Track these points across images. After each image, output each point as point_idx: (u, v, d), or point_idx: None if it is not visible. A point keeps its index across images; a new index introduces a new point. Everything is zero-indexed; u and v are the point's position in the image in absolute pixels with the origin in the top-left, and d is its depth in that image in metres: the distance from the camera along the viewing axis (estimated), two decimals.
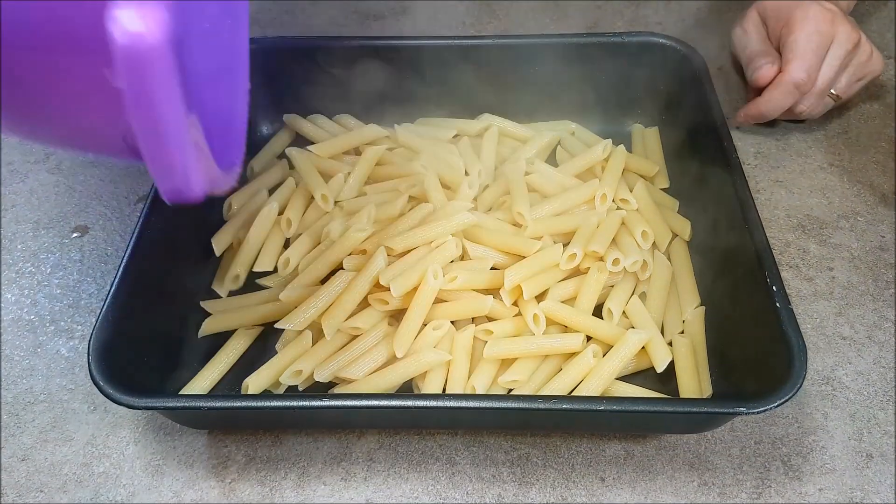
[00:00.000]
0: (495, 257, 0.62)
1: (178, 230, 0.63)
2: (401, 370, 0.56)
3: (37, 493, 0.55)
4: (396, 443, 0.57)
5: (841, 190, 0.73)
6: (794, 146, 0.78)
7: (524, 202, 0.64)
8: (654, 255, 0.64)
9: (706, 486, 0.54)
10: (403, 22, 0.96)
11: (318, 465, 0.55)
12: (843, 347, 0.62)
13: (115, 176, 0.77)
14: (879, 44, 0.89)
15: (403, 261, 0.61)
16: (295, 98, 0.77)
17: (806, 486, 0.54)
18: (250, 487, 0.54)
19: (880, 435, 0.56)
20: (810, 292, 0.65)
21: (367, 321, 0.59)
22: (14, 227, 0.73)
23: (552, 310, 0.59)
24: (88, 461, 0.56)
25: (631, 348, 0.56)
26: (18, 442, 0.58)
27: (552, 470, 0.55)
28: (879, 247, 0.68)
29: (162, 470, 0.56)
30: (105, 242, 0.71)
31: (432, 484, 0.54)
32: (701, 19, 0.94)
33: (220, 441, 0.57)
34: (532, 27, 0.94)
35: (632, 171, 0.72)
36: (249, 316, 0.62)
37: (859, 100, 0.82)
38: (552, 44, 0.74)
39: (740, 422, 0.57)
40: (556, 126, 0.77)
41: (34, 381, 0.61)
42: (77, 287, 0.68)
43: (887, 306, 0.64)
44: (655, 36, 0.74)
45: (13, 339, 0.64)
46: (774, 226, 0.70)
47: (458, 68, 0.74)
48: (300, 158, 0.72)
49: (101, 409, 0.59)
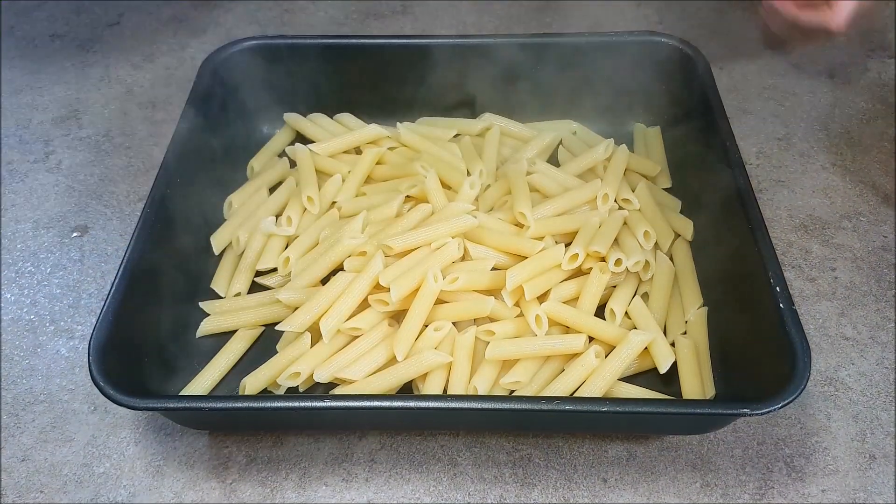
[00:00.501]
0: (497, 258, 0.62)
1: (177, 229, 0.63)
2: (401, 371, 0.56)
3: (37, 494, 0.54)
4: (398, 443, 0.56)
5: (843, 190, 0.73)
6: (796, 146, 0.78)
7: (526, 202, 0.64)
8: (656, 256, 0.64)
9: (709, 486, 0.54)
10: (404, 21, 0.96)
11: (319, 466, 0.55)
12: (845, 348, 0.61)
13: (114, 176, 0.77)
14: (882, 43, 0.89)
15: (404, 262, 0.60)
16: (295, 97, 0.77)
17: (809, 486, 0.54)
18: (251, 488, 0.54)
19: (883, 436, 0.56)
20: (813, 293, 0.65)
21: (367, 322, 0.59)
22: (14, 226, 0.73)
23: (554, 310, 0.59)
24: (89, 462, 0.56)
25: (633, 349, 0.56)
26: (18, 442, 0.57)
27: (554, 471, 0.55)
28: (882, 247, 0.68)
29: (162, 471, 0.55)
30: (105, 242, 0.71)
31: (434, 485, 0.54)
32: (702, 19, 0.93)
33: (221, 442, 0.57)
34: (533, 27, 0.94)
35: (634, 170, 0.71)
36: (249, 317, 0.62)
37: (862, 99, 0.82)
38: (554, 43, 0.74)
39: (743, 423, 0.57)
40: (557, 126, 0.76)
41: (34, 382, 0.61)
42: (77, 287, 0.67)
43: (890, 307, 0.64)
44: (657, 35, 0.73)
45: (13, 339, 0.64)
46: (777, 226, 0.70)
47: (459, 68, 0.74)
48: (301, 156, 0.72)
49: (102, 410, 0.59)
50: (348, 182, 0.70)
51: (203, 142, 0.68)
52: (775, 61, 0.87)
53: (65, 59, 0.92)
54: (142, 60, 0.91)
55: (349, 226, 0.64)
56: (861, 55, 0.87)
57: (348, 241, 0.62)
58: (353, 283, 0.59)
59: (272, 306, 0.62)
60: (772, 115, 0.81)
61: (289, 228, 0.67)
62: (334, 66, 0.75)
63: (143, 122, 0.83)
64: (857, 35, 0.90)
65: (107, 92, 0.87)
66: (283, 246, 0.66)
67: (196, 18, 0.97)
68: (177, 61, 0.91)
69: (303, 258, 0.64)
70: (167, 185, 0.62)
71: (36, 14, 0.99)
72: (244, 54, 0.73)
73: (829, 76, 0.85)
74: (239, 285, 0.64)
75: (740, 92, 0.84)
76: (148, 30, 0.96)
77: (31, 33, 0.96)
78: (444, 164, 0.70)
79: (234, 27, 0.95)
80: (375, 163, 0.72)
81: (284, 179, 0.72)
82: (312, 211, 0.68)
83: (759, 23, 0.73)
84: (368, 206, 0.67)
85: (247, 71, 0.74)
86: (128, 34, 0.95)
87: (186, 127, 0.66)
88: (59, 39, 0.95)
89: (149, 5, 0.99)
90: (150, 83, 0.88)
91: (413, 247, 0.61)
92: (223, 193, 0.71)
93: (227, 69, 0.73)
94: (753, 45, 0.89)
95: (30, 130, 0.83)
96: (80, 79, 0.89)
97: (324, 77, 0.76)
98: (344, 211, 0.68)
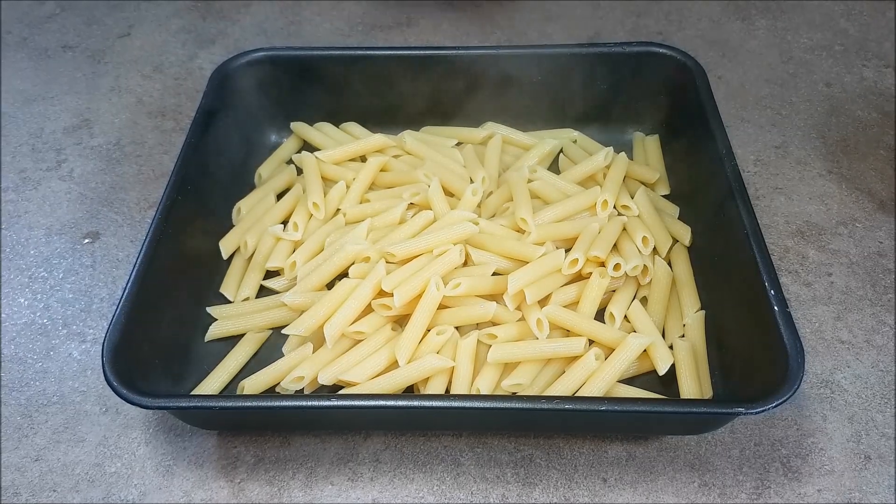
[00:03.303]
0: (498, 263, 0.63)
1: (187, 235, 0.64)
2: (404, 375, 0.57)
3: (50, 493, 0.56)
4: (402, 444, 0.58)
5: (840, 197, 0.74)
6: (793, 154, 0.79)
7: (527, 208, 0.65)
8: (654, 261, 0.65)
9: (707, 486, 0.55)
10: (408, 33, 0.97)
11: (325, 466, 0.57)
12: (841, 351, 0.62)
13: (125, 183, 0.79)
14: (878, 52, 0.90)
15: (406, 268, 0.62)
16: (302, 107, 0.79)
17: (805, 486, 0.55)
18: (259, 487, 0.55)
19: (878, 437, 0.57)
20: (809, 297, 0.66)
21: (371, 326, 0.60)
22: (27, 232, 0.75)
23: (555, 314, 0.60)
24: (100, 461, 0.57)
25: (633, 352, 0.57)
26: (32, 443, 0.59)
27: (555, 471, 0.56)
28: (878, 252, 0.69)
29: (172, 470, 0.57)
30: (116, 248, 0.73)
31: (437, 484, 0.55)
32: (702, 30, 0.95)
33: (230, 442, 0.58)
34: (535, 37, 0.95)
35: (633, 177, 0.73)
36: (256, 321, 0.63)
37: (858, 108, 0.83)
38: (555, 54, 0.75)
39: (740, 424, 0.58)
40: (558, 134, 0.78)
41: (47, 384, 0.62)
42: (89, 292, 0.69)
43: (885, 311, 0.65)
44: (656, 46, 0.75)
45: (26, 342, 0.65)
46: (774, 232, 0.71)
47: (462, 77, 0.76)
48: (307, 163, 0.73)
49: (113, 411, 0.60)
50: (353, 189, 0.72)
51: (212, 150, 0.70)
52: (773, 71, 0.88)
53: (76, 69, 0.94)
54: (151, 71, 0.93)
55: (353, 232, 0.66)
56: (857, 64, 0.89)
57: (352, 246, 0.63)
58: (357, 289, 0.60)
59: (278, 310, 0.63)
60: (769, 124, 0.82)
61: (295, 233, 0.68)
62: (340, 76, 0.76)
63: (153, 130, 0.85)
64: (852, 44, 0.92)
65: (117, 102, 0.89)
66: (291, 250, 0.68)
67: (205, 30, 0.99)
68: (186, 72, 0.93)
69: (308, 263, 0.66)
70: (177, 192, 0.63)
71: (48, 26, 1.01)
72: (253, 65, 0.75)
73: (826, 85, 0.86)
74: (248, 290, 0.66)
75: (738, 101, 0.85)
76: (157, 41, 0.98)
77: (43, 44, 0.98)
78: (447, 172, 0.71)
79: (241, 38, 0.97)
80: (380, 170, 0.74)
81: (291, 186, 0.74)
82: (318, 217, 0.69)
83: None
84: (372, 213, 0.69)
85: (255, 81, 0.75)
86: (138, 45, 0.97)
87: (196, 135, 0.68)
88: (70, 51, 0.97)
89: (158, 17, 1.01)
90: (159, 93, 0.90)
91: (415, 254, 0.63)
92: (232, 200, 0.72)
93: (235, 79, 0.74)
94: (752, 55, 0.91)
95: (42, 139, 0.85)
96: (91, 89, 0.91)
97: (330, 87, 0.77)
98: (349, 217, 0.69)
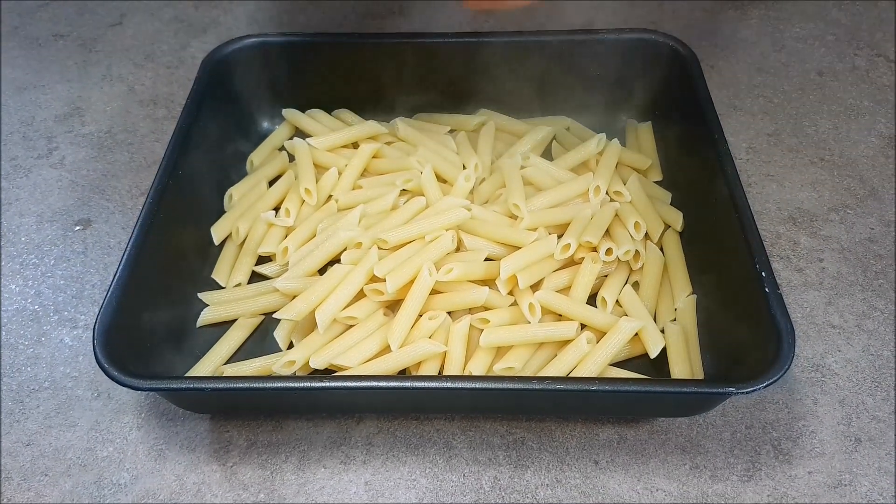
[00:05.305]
0: (491, 248, 0.64)
1: (178, 221, 0.64)
2: (396, 359, 0.57)
3: (41, 477, 0.56)
4: (395, 427, 0.58)
5: (831, 184, 0.75)
6: (785, 142, 0.79)
7: (520, 195, 0.65)
8: (646, 246, 0.65)
9: (698, 469, 0.55)
10: (400, 21, 0.97)
11: (318, 450, 0.57)
12: (832, 336, 0.63)
13: (117, 171, 0.79)
14: (869, 42, 0.90)
15: (399, 254, 0.62)
16: (294, 94, 0.78)
17: (796, 469, 0.55)
18: (252, 471, 0.55)
19: (868, 420, 0.57)
20: (801, 282, 0.67)
21: (363, 311, 0.60)
22: (18, 220, 0.74)
23: (547, 299, 0.60)
24: (92, 446, 0.57)
25: (624, 335, 0.57)
26: (23, 427, 0.59)
27: (547, 453, 0.56)
28: (868, 238, 0.70)
29: (164, 454, 0.57)
30: (108, 235, 0.72)
31: (430, 466, 0.56)
32: (695, 19, 0.95)
33: (222, 426, 0.58)
34: (528, 24, 0.95)
35: (625, 164, 0.73)
36: (248, 307, 0.63)
37: (850, 96, 0.83)
38: (548, 41, 0.75)
39: (731, 407, 0.58)
40: (551, 121, 0.78)
41: (38, 370, 0.62)
42: (80, 278, 0.69)
43: (876, 296, 0.65)
44: (649, 33, 0.75)
45: (18, 328, 0.65)
46: (766, 218, 0.72)
47: (455, 65, 0.75)
48: (299, 149, 0.73)
49: (105, 396, 0.60)
50: (345, 175, 0.71)
51: (204, 137, 0.69)
52: (766, 59, 0.89)
53: (67, 58, 0.93)
54: (143, 59, 0.93)
55: (346, 218, 0.66)
56: (849, 53, 0.89)
57: (345, 233, 0.63)
58: (350, 275, 0.60)
59: (270, 296, 0.63)
60: (762, 112, 0.82)
61: (287, 220, 0.68)
62: (333, 63, 0.76)
63: (145, 119, 0.85)
64: (844, 34, 0.92)
65: (109, 90, 0.89)
66: (283, 236, 0.67)
67: (197, 19, 0.99)
68: (177, 60, 0.93)
69: (300, 249, 0.66)
70: (169, 178, 0.63)
71: (39, 14, 1.00)
72: (244, 52, 0.75)
73: (818, 74, 0.87)
74: (240, 276, 0.66)
75: (731, 89, 0.85)
76: (149, 30, 0.97)
77: (34, 33, 0.97)
78: (439, 159, 0.71)
79: (233, 27, 0.97)
80: (372, 157, 0.74)
81: (283, 173, 0.74)
82: (310, 203, 0.69)
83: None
84: (365, 200, 0.69)
85: (247, 68, 0.75)
86: (129, 34, 0.97)
87: (187, 122, 0.68)
88: (62, 39, 0.96)
89: (150, 6, 1.01)
90: (151, 81, 0.90)
91: (407, 240, 0.63)
92: (223, 186, 0.72)
93: (227, 66, 0.74)
94: (745, 44, 0.91)
95: (33, 127, 0.84)
96: (82, 77, 0.90)
97: (322, 74, 0.77)
98: (341, 203, 0.69)
